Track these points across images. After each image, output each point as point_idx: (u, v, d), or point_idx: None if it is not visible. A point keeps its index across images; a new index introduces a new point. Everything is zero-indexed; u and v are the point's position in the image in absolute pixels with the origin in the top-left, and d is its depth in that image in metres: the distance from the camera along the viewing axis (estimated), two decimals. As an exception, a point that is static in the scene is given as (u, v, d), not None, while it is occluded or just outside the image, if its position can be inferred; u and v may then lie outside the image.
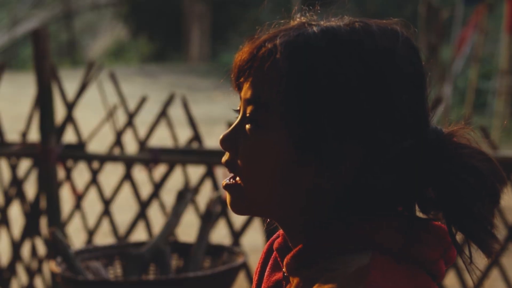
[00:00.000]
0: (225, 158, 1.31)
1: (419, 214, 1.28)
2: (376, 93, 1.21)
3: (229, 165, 1.30)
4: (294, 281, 1.27)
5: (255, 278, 1.45)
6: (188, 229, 5.63)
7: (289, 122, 1.23)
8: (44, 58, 4.30)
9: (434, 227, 1.26)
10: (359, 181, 1.23)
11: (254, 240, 5.49)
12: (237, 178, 1.29)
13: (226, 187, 1.31)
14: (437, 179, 1.22)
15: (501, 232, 1.26)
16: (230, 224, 4.21)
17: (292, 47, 1.23)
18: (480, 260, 1.25)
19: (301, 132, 1.23)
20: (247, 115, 1.27)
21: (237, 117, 1.31)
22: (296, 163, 1.24)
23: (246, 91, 1.28)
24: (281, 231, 1.36)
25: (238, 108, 1.31)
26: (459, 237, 1.25)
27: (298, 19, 1.30)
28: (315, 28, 1.24)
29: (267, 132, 1.25)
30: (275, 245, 1.36)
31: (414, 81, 1.24)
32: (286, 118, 1.23)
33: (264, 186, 1.27)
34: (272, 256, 1.41)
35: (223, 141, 1.30)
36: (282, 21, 1.30)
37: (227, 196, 1.32)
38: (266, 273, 1.40)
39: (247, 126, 1.27)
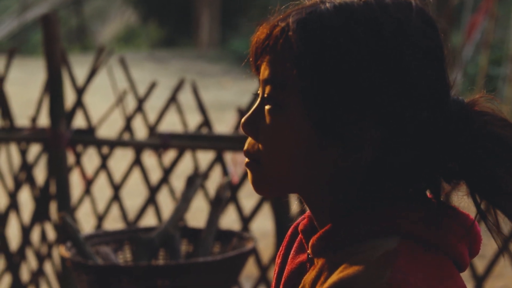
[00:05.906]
0: (246, 146, 1.29)
1: (447, 200, 1.27)
2: (391, 69, 1.20)
3: (249, 150, 1.28)
4: (318, 262, 1.25)
5: (278, 261, 1.43)
6: (197, 215, 5.65)
7: (306, 102, 1.22)
8: (54, 43, 4.30)
9: (460, 215, 1.26)
10: (380, 160, 1.21)
11: (264, 226, 5.50)
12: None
13: (248, 165, 1.29)
14: (460, 149, 1.21)
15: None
16: (239, 210, 4.21)
17: (305, 24, 1.22)
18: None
19: (319, 112, 1.21)
20: (266, 95, 1.26)
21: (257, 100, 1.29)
22: (317, 145, 1.23)
23: (264, 72, 1.26)
24: (307, 213, 1.34)
25: (258, 91, 1.29)
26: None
27: None
28: (328, 5, 1.23)
29: (286, 112, 1.23)
30: (301, 226, 1.35)
31: (430, 53, 1.23)
32: (303, 97, 1.22)
33: (286, 168, 1.25)
34: (297, 239, 1.39)
35: (244, 124, 1.28)
36: (297, 1, 1.28)
37: (249, 175, 1.30)
38: (290, 256, 1.38)
39: (266, 107, 1.26)
